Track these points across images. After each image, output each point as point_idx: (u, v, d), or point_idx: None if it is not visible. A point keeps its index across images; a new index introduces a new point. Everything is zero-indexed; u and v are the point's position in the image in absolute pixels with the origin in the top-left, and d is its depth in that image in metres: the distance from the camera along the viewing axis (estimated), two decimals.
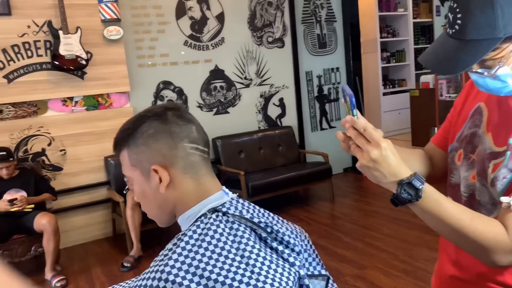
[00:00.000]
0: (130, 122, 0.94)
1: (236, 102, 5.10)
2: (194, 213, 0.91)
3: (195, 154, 0.92)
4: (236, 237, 0.85)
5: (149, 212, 0.97)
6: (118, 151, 0.95)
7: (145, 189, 0.92)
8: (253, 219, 0.90)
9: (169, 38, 4.63)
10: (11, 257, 3.44)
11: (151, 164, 0.89)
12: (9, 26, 3.79)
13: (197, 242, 0.82)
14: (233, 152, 4.85)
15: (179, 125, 0.91)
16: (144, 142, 0.90)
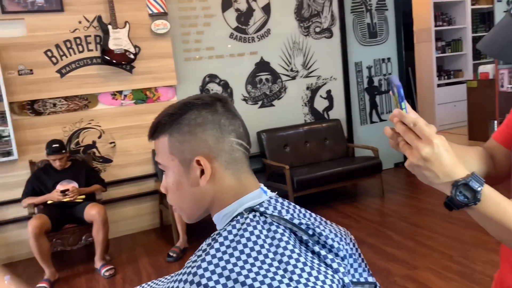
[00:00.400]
0: (176, 107, 0.87)
1: (281, 95, 5.01)
2: (231, 212, 0.86)
3: (239, 150, 0.87)
4: (274, 240, 0.79)
5: (179, 205, 0.91)
6: (156, 137, 0.88)
7: (182, 180, 0.86)
8: (293, 220, 0.83)
9: (215, 31, 4.61)
10: (64, 246, 3.57)
11: (194, 154, 0.84)
12: (62, 22, 3.91)
13: (232, 244, 0.77)
14: (278, 146, 4.78)
15: (228, 118, 0.86)
16: (190, 130, 0.84)
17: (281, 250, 0.77)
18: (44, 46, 3.87)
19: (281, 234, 0.80)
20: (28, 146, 3.87)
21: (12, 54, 3.76)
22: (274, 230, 0.80)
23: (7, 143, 3.76)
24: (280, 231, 0.81)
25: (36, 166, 3.83)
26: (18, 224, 3.83)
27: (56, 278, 3.43)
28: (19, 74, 3.81)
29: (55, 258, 3.59)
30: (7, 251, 3.89)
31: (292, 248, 0.79)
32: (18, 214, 3.82)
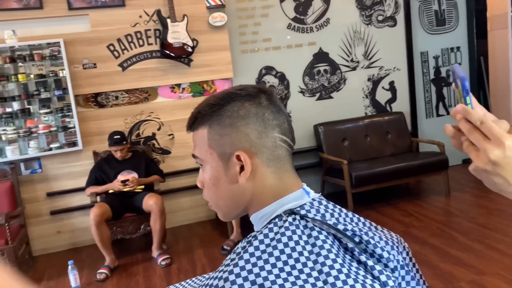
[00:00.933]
0: (217, 97, 0.81)
1: (341, 87, 4.84)
2: (269, 213, 0.79)
3: (282, 147, 0.80)
4: (315, 247, 0.71)
5: (215, 202, 0.86)
6: (195, 128, 0.83)
7: (219, 176, 0.81)
8: (337, 225, 0.75)
9: (272, 22, 4.54)
10: (123, 234, 3.70)
11: (235, 149, 0.78)
12: (123, 17, 4.03)
13: (268, 249, 0.70)
14: (336, 140, 4.63)
15: (272, 111, 0.80)
16: (232, 123, 0.78)
17: (321, 259, 0.70)
18: (107, 40, 4.01)
19: (323, 241, 0.72)
20: (92, 137, 4.04)
21: (77, 48, 3.93)
22: (315, 236, 0.73)
23: (72, 134, 3.95)
24: (322, 237, 0.73)
25: (99, 157, 3.99)
26: (83, 212, 4.02)
27: (116, 265, 3.56)
28: (83, 68, 3.98)
29: (115, 246, 3.73)
30: (73, 236, 4.10)
31: (334, 257, 0.71)
32: (83, 202, 4.01)
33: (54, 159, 3.98)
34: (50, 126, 3.88)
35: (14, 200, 3.73)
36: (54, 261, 3.85)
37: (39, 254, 4.00)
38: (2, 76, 3.71)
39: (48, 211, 4.01)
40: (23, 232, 3.75)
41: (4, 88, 3.80)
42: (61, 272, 3.51)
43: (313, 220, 0.75)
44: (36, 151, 3.87)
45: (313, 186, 4.22)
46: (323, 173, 4.60)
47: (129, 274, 3.45)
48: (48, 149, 3.92)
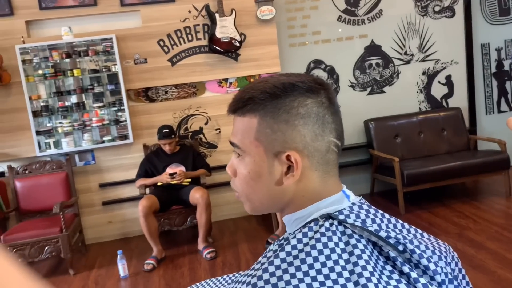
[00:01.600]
0: (275, 85, 0.72)
1: (393, 81, 4.65)
2: (304, 216, 0.73)
3: (334, 151, 0.74)
4: (352, 256, 0.65)
5: (247, 195, 0.78)
6: (242, 113, 0.74)
7: (262, 172, 0.74)
8: (379, 232, 0.68)
9: (322, 14, 4.43)
10: (170, 226, 3.77)
11: (286, 148, 0.71)
12: (173, 12, 4.08)
13: (301, 255, 0.65)
14: (387, 136, 4.45)
15: (332, 114, 0.73)
16: (288, 120, 0.71)
17: (359, 270, 0.63)
18: (157, 36, 4.08)
19: (361, 250, 0.66)
20: (142, 130, 4.14)
21: (129, 44, 4.03)
22: (353, 244, 0.67)
23: (124, 127, 4.07)
24: (361, 246, 0.66)
25: (149, 150, 4.08)
26: (133, 203, 4.14)
27: (163, 256, 3.63)
28: (135, 63, 4.08)
29: (162, 237, 3.81)
30: (123, 227, 4.24)
31: (371, 269, 0.64)
32: (133, 194, 4.12)
33: (107, 152, 4.12)
34: (103, 120, 4.01)
35: (69, 190, 3.90)
36: (105, 249, 3.99)
37: (92, 242, 4.17)
38: (59, 71, 3.87)
39: (100, 201, 4.17)
40: (77, 221, 3.92)
41: (61, 82, 3.98)
42: (111, 261, 3.63)
43: (352, 226, 0.69)
44: (89, 143, 4.02)
45: (362, 184, 4.11)
46: (373, 170, 4.45)
47: (175, 266, 3.50)
48: (101, 141, 4.06)
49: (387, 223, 0.74)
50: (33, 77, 3.82)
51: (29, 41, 3.83)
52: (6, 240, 3.39)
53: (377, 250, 0.69)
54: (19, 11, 3.82)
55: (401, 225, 0.76)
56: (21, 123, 3.87)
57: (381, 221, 0.73)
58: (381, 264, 0.67)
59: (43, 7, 3.85)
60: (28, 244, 3.41)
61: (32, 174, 3.87)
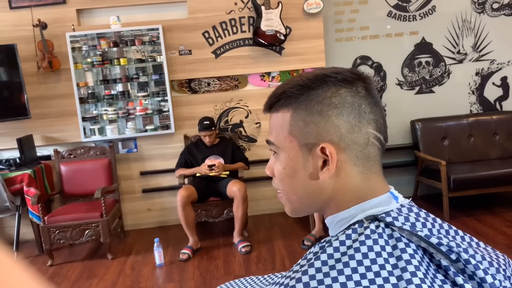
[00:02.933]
0: (308, 78, 0.71)
1: (444, 80, 4.44)
2: (348, 218, 0.69)
3: (375, 145, 0.69)
4: (400, 261, 0.60)
5: (286, 194, 0.75)
6: (276, 109, 0.73)
7: (297, 167, 0.71)
8: (429, 238, 0.62)
9: (371, 9, 4.29)
10: (207, 217, 3.78)
11: (320, 140, 0.68)
12: (219, 4, 4.07)
13: (344, 258, 0.60)
14: (435, 138, 4.26)
15: (370, 103, 0.69)
16: (321, 110, 0.68)
17: (407, 276, 0.58)
18: (203, 27, 4.09)
19: (410, 255, 0.60)
20: (183, 121, 4.17)
21: (175, 35, 4.05)
22: (401, 248, 0.61)
23: (166, 117, 4.11)
24: (410, 250, 0.61)
25: (189, 140, 4.11)
26: (172, 192, 4.18)
27: (198, 247, 3.65)
28: (179, 54, 4.10)
29: (199, 228, 3.82)
30: (162, 215, 4.29)
31: (422, 276, 0.58)
32: (172, 183, 4.16)
33: (148, 140, 4.18)
34: (146, 109, 4.07)
35: (111, 176, 3.99)
36: (143, 236, 4.06)
37: (130, 229, 4.26)
38: (106, 59, 3.96)
39: (140, 189, 4.24)
40: (117, 207, 4.00)
41: (108, 71, 4.06)
42: (148, 248, 3.69)
43: (400, 229, 0.63)
44: (132, 131, 4.09)
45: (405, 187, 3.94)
46: (417, 173, 4.27)
47: (210, 257, 3.51)
48: (144, 130, 4.12)
49: (439, 228, 0.68)
50: (81, 65, 3.93)
51: (79, 29, 3.93)
52: (49, 221, 3.51)
53: (428, 257, 0.63)
54: None
55: (455, 231, 0.70)
56: (69, 108, 3.99)
57: (433, 225, 0.68)
58: (432, 272, 0.61)
59: None
60: (70, 226, 3.52)
61: (76, 159, 3.99)
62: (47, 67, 3.84)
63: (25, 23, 3.84)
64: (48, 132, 4.06)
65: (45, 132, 4.05)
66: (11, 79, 3.86)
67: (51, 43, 3.85)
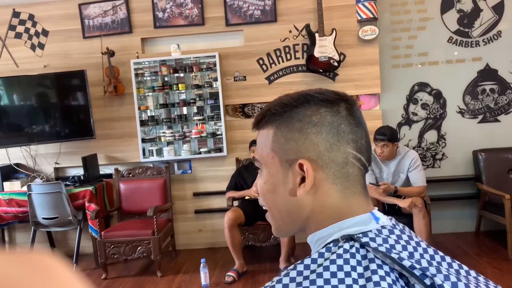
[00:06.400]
0: (291, 97, 0.73)
1: (510, 109, 4.17)
2: (325, 237, 0.69)
3: (355, 165, 0.70)
4: (369, 283, 0.59)
5: (271, 211, 0.76)
6: (261, 126, 0.76)
7: (278, 183, 0.72)
8: (402, 260, 0.60)
9: (430, 35, 4.18)
10: (254, 241, 3.79)
11: (299, 157, 0.69)
12: (274, 32, 4.17)
13: (312, 276, 0.60)
14: (500, 170, 3.98)
15: (350, 124, 0.70)
16: (301, 128, 0.70)
17: None
18: (257, 54, 4.20)
19: (381, 277, 0.59)
20: (236, 144, 4.26)
21: (231, 62, 4.20)
22: (373, 269, 0.60)
23: (219, 140, 4.23)
24: (382, 272, 0.59)
25: (241, 164, 4.18)
26: (223, 214, 4.19)
27: (244, 270, 3.65)
28: (234, 80, 4.24)
29: (246, 251, 3.83)
30: (212, 236, 4.37)
31: None
32: (223, 205, 4.23)
33: (202, 162, 4.32)
34: (201, 132, 4.22)
35: (165, 195, 4.15)
36: (193, 256, 4.14)
37: (182, 248, 4.37)
38: (166, 85, 4.18)
39: (193, 209, 4.36)
40: (170, 226, 4.14)
41: (167, 95, 4.29)
42: (197, 268, 3.75)
43: (375, 250, 0.62)
44: (188, 153, 4.25)
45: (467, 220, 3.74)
46: (480, 206, 4.00)
47: (255, 282, 3.50)
48: (198, 152, 4.27)
49: (422, 253, 0.65)
50: (143, 89, 4.18)
51: (143, 57, 4.21)
52: (105, 236, 3.71)
53: (404, 280, 0.61)
54: (137, 29, 4.23)
55: (441, 257, 0.66)
56: (130, 130, 4.24)
57: (415, 249, 0.65)
58: None
59: (157, 26, 4.21)
60: (124, 242, 3.69)
61: (134, 178, 4.21)
62: (112, 92, 4.14)
63: (95, 51, 4.18)
64: (110, 152, 4.33)
65: (107, 152, 4.33)
66: (80, 101, 4.20)
67: (117, 69, 4.15)
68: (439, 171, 4.25)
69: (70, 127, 4.19)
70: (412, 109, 4.27)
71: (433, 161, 4.28)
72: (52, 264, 0.32)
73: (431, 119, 4.26)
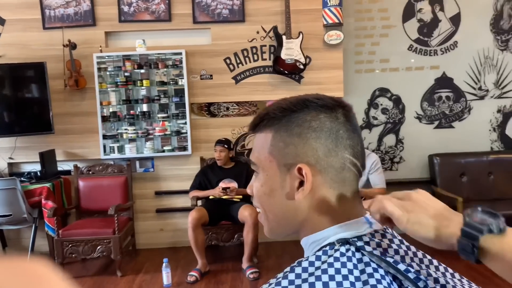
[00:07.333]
0: (290, 102, 0.74)
1: (464, 116, 4.40)
2: (321, 240, 0.70)
3: (351, 170, 0.72)
4: (366, 286, 0.61)
5: (265, 213, 0.77)
6: (259, 129, 0.76)
7: (275, 186, 0.73)
8: (397, 264, 0.63)
9: (392, 42, 4.33)
10: (217, 240, 3.78)
11: (298, 161, 0.70)
12: (242, 32, 4.18)
13: (310, 279, 0.62)
14: (453, 174, 4.19)
15: (348, 130, 0.72)
16: (300, 133, 0.71)
17: None
18: (224, 54, 4.19)
19: (377, 281, 0.61)
20: (200, 143, 4.24)
21: (197, 60, 4.17)
22: (369, 273, 0.62)
23: (184, 139, 4.19)
24: (378, 276, 0.62)
25: (205, 163, 4.16)
26: (185, 213, 4.18)
27: (207, 270, 3.64)
28: (201, 78, 4.21)
29: (208, 251, 3.82)
30: (174, 236, 4.32)
31: None
32: (186, 204, 4.19)
33: (165, 161, 4.26)
34: (165, 130, 4.16)
35: (126, 194, 4.06)
36: (154, 256, 4.08)
37: (142, 247, 4.29)
38: (130, 80, 4.09)
39: (154, 208, 4.29)
40: (130, 225, 4.05)
41: (130, 91, 4.19)
42: (158, 268, 3.69)
43: (370, 254, 0.64)
44: (151, 151, 4.18)
45: None
46: None
47: (217, 281, 3.50)
48: (161, 150, 4.20)
49: (412, 256, 0.69)
50: (106, 84, 4.07)
51: (106, 51, 4.10)
52: (63, 234, 3.59)
53: (397, 283, 0.64)
54: (101, 22, 4.11)
55: (429, 260, 0.70)
56: (91, 126, 4.11)
57: (406, 253, 0.68)
58: None
59: (122, 20, 4.11)
60: (83, 241, 3.58)
61: (94, 175, 4.09)
62: (73, 85, 4.00)
63: (56, 43, 4.02)
64: (69, 148, 4.19)
65: (66, 148, 4.18)
66: (38, 95, 4.03)
67: (79, 62, 4.02)
68: (397, 173, 4.41)
69: (27, 120, 4.01)
70: (373, 113, 4.41)
71: (391, 164, 4.45)
72: (45, 273, 0.31)
73: (390, 124, 4.41)
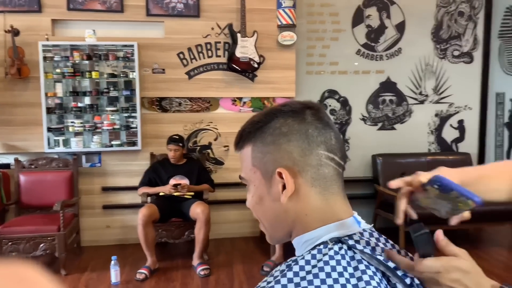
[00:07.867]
0: (261, 115, 0.80)
1: (405, 119, 4.66)
2: (313, 239, 0.74)
3: (329, 165, 0.75)
4: (360, 282, 0.65)
5: (261, 222, 0.82)
6: (240, 147, 0.81)
7: (263, 194, 0.78)
8: (387, 262, 0.68)
9: (341, 46, 4.49)
10: (168, 237, 3.74)
11: (277, 167, 0.74)
12: (196, 28, 4.15)
13: (308, 276, 0.65)
14: (394, 173, 4.37)
15: (318, 128, 0.75)
16: (273, 140, 0.75)
17: None
18: (178, 48, 4.14)
19: (370, 277, 0.66)
20: (151, 139, 4.16)
21: (150, 53, 4.09)
22: (362, 269, 0.67)
23: (134, 134, 4.09)
24: (370, 272, 0.67)
25: (156, 159, 4.09)
26: (133, 210, 4.11)
27: (156, 267, 3.59)
28: (153, 72, 4.13)
29: (158, 248, 3.77)
30: (122, 233, 4.21)
31: None
32: (134, 201, 4.10)
33: (113, 156, 4.14)
34: (114, 124, 4.04)
35: (72, 189, 3.91)
36: (100, 253, 3.96)
37: (87, 245, 4.14)
38: (78, 71, 3.93)
39: (101, 204, 4.16)
40: (75, 222, 3.90)
41: (78, 83, 4.03)
42: (105, 266, 3.59)
43: (361, 252, 0.69)
44: (98, 145, 4.04)
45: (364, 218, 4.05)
46: (376, 206, 4.42)
47: (167, 279, 3.47)
48: (109, 145, 4.08)
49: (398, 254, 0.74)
50: (52, 75, 3.88)
51: (53, 39, 3.90)
52: (3, 231, 3.39)
53: (386, 279, 0.69)
54: (47, 9, 3.90)
55: (410, 258, 0.76)
56: (34, 118, 3.90)
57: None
58: None
59: (71, 8, 3.93)
60: (24, 239, 3.40)
61: (37, 169, 3.89)
62: (15, 74, 3.77)
63: None
64: (9, 140, 3.94)
65: (6, 140, 3.94)
66: None
67: (22, 50, 3.79)
68: None
69: None
70: None
71: None
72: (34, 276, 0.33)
73: (338, 124, 4.58)
